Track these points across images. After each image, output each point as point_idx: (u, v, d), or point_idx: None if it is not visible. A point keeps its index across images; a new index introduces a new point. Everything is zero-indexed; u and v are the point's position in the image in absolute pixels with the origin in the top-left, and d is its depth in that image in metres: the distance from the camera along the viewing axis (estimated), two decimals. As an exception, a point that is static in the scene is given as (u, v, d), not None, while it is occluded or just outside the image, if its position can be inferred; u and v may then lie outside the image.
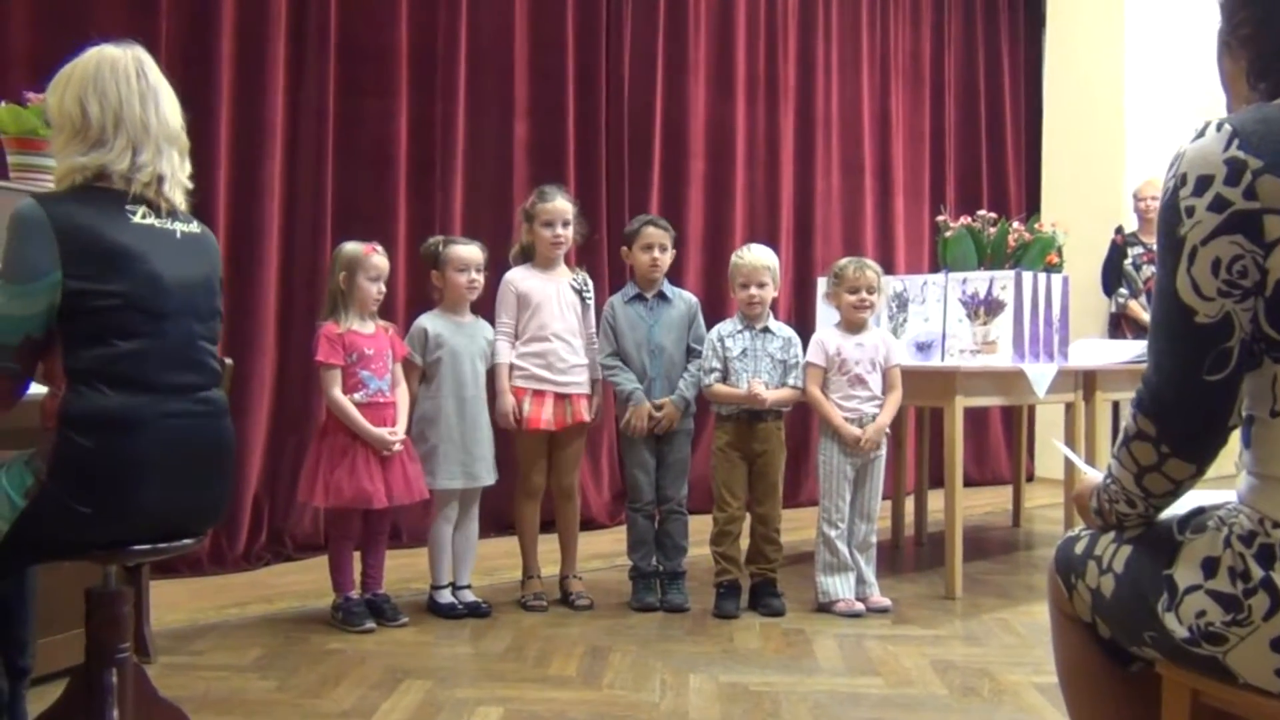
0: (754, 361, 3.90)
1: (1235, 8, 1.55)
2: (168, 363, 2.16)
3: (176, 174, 2.26)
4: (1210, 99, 1.65)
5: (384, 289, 3.74)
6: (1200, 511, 1.53)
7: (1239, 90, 1.57)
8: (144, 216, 2.18)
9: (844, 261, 4.03)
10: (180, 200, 2.27)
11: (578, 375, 3.98)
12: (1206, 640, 1.42)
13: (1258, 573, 1.37)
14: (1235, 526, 1.43)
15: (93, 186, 2.16)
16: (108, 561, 2.23)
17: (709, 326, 4.06)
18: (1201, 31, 1.61)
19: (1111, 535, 1.63)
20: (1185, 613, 1.45)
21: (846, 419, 3.87)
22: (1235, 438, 1.51)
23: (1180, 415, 1.46)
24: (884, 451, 3.99)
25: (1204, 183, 1.41)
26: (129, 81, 2.21)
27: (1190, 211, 1.42)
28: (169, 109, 2.26)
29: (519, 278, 3.99)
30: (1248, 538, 1.40)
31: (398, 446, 3.63)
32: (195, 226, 2.31)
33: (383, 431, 3.60)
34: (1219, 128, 1.42)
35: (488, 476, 3.88)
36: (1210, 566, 1.44)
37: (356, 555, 3.75)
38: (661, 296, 4.07)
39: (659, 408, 3.92)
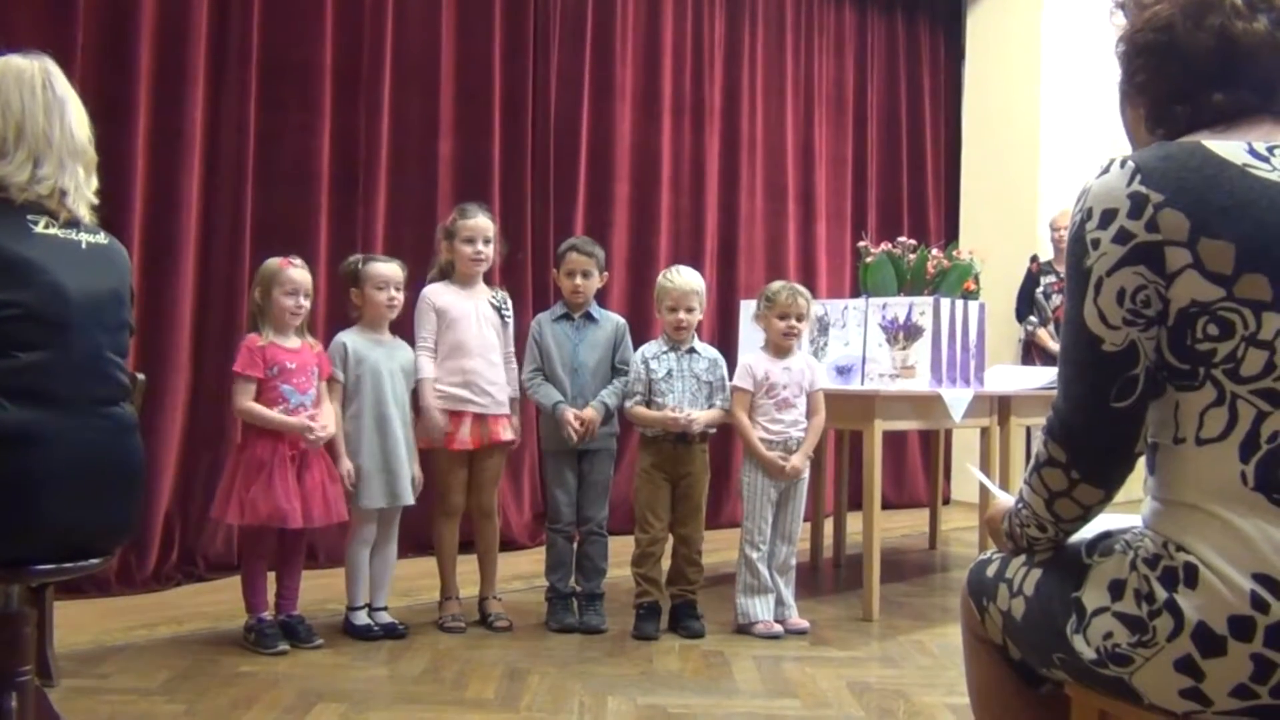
0: (679, 382, 3.91)
1: (1131, 57, 1.61)
2: (72, 376, 2.11)
3: (81, 188, 2.21)
4: (1123, 132, 1.71)
5: (303, 303, 3.67)
6: (1108, 535, 1.57)
7: (1140, 137, 1.64)
8: (46, 227, 2.14)
9: (777, 286, 4.03)
10: (85, 214, 2.22)
11: (498, 395, 3.95)
12: (1113, 661, 1.45)
13: (1161, 595, 1.40)
14: (1140, 550, 1.46)
15: None
16: (9, 581, 2.15)
17: (634, 349, 4.07)
18: (1115, 66, 1.67)
19: (1022, 558, 1.66)
20: (1093, 634, 1.48)
21: (772, 442, 3.90)
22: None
23: (1089, 441, 1.50)
24: (806, 474, 4.02)
25: (1108, 216, 1.45)
26: (34, 93, 2.17)
27: (1096, 244, 1.46)
28: (75, 122, 2.22)
29: (436, 293, 3.96)
30: (1152, 561, 1.44)
31: (322, 434, 3.57)
32: (102, 237, 2.26)
33: (302, 419, 3.54)
34: (1123, 164, 1.47)
35: (409, 496, 3.84)
36: (1117, 589, 1.47)
37: (271, 575, 3.68)
38: (588, 317, 4.07)
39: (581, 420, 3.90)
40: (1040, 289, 6.76)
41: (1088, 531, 1.59)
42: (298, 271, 3.67)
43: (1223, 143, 1.45)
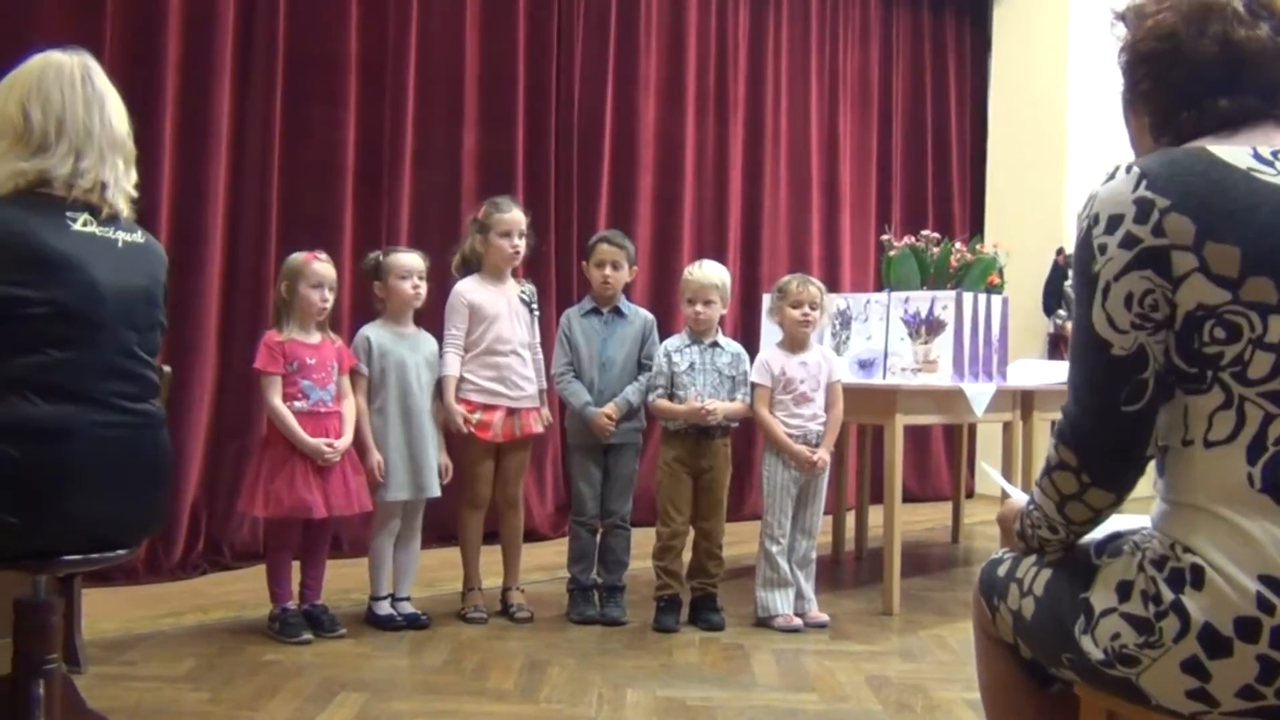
0: (702, 376, 3.93)
1: (1135, 65, 1.61)
2: (101, 373, 2.14)
3: (120, 181, 2.24)
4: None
5: (328, 296, 3.71)
6: (1117, 536, 1.58)
7: (1144, 145, 1.64)
8: (85, 224, 2.17)
9: (787, 277, 4.07)
10: (124, 207, 2.26)
11: (529, 389, 3.98)
12: (1121, 662, 1.46)
13: (1168, 596, 1.41)
14: (1148, 551, 1.47)
15: (34, 193, 2.15)
16: (37, 572, 2.20)
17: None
18: (1118, 77, 1.69)
19: (1033, 559, 1.67)
20: (1101, 635, 1.49)
21: (792, 437, 3.91)
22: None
23: (1099, 445, 1.50)
24: (826, 468, 4.02)
25: (1115, 221, 1.46)
26: (73, 87, 2.20)
27: (1103, 249, 1.47)
28: (114, 116, 2.25)
29: (470, 289, 3.97)
30: (1159, 562, 1.44)
31: (334, 457, 3.61)
32: (139, 236, 2.30)
33: (319, 442, 3.57)
34: (1128, 170, 1.48)
35: (435, 488, 3.87)
36: (1124, 590, 1.48)
37: (296, 565, 3.73)
38: (617, 312, 4.08)
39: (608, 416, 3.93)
40: (1069, 282, 6.71)
41: (1097, 533, 1.60)
42: (323, 266, 3.70)
43: (1227, 148, 1.46)
